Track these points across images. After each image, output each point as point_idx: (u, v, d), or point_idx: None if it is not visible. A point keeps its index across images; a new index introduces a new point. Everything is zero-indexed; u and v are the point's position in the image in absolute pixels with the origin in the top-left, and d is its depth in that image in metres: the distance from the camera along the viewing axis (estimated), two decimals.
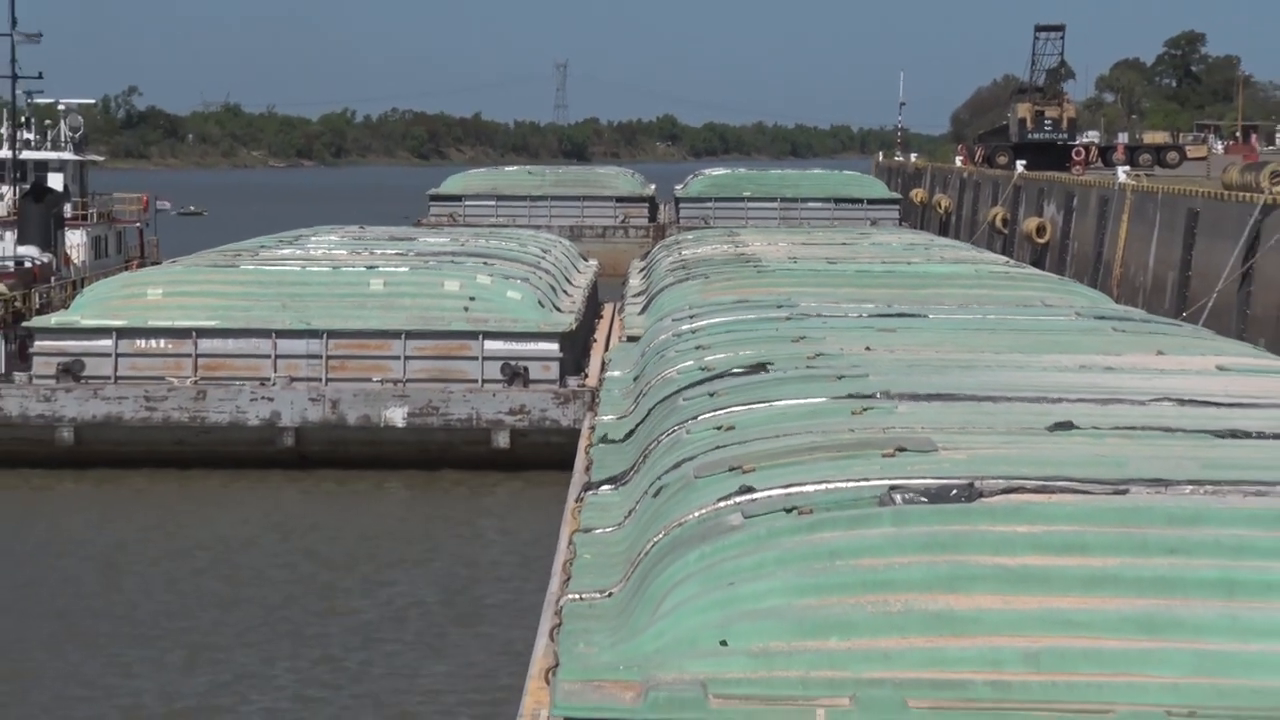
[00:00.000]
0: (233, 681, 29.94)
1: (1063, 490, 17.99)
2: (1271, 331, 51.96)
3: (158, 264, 65.28)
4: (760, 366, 29.75)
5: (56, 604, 34.30)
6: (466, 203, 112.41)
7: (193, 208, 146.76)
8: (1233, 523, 17.17)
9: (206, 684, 29.44)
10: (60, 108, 78.76)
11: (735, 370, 29.78)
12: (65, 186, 73.11)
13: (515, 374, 47.84)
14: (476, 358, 48.10)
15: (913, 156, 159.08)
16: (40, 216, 65.58)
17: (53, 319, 50.45)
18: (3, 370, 49.61)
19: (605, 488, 25.79)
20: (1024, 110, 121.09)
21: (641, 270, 67.02)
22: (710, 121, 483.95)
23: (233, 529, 41.23)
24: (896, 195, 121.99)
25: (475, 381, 47.75)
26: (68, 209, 70.60)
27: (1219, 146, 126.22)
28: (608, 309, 63.04)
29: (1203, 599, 16.15)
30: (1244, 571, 16.42)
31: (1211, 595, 16.19)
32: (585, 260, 73.11)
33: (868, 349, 31.42)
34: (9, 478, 45.56)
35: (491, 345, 48.17)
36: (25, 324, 51.41)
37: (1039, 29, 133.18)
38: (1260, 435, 21.89)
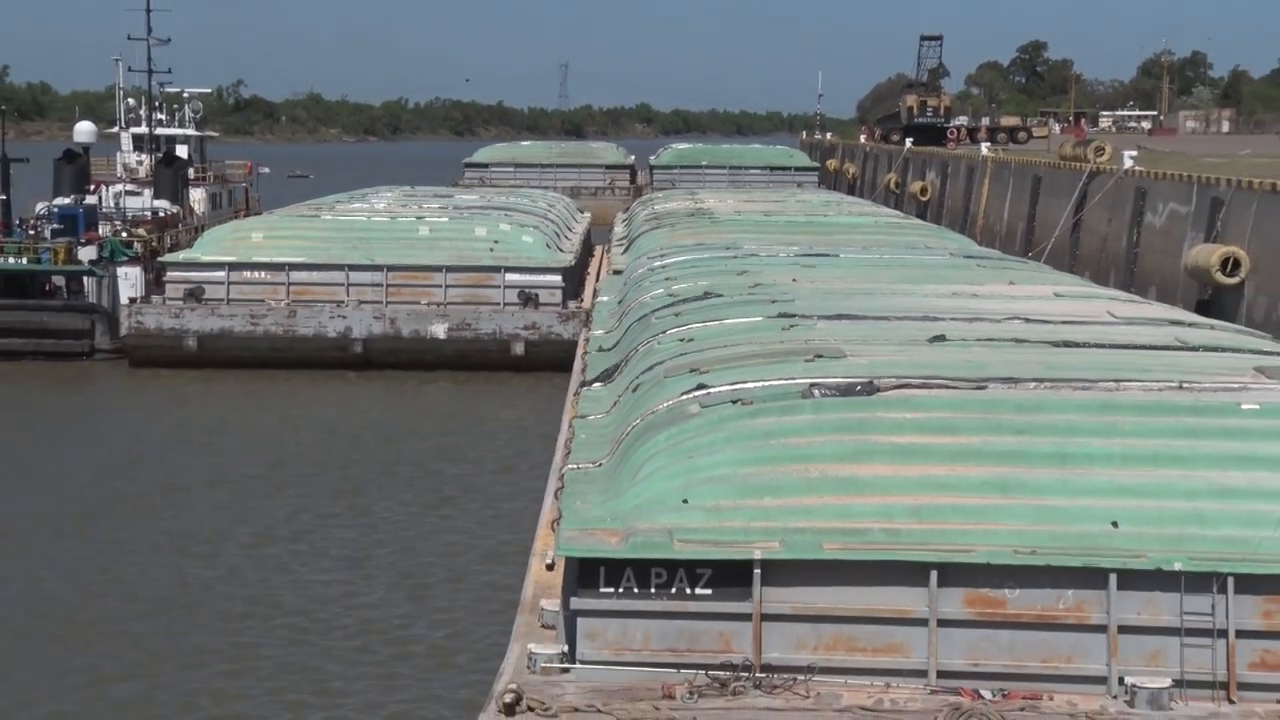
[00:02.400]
0: (329, 500, 30.45)
1: (939, 386, 18.04)
2: (1094, 267, 52.02)
3: (259, 214, 65.03)
4: (713, 294, 29.75)
5: (195, 458, 34.45)
6: (492, 169, 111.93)
7: (299, 172, 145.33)
8: (1065, 410, 17.22)
9: (308, 503, 29.71)
10: (185, 95, 78.15)
11: (694, 296, 29.77)
12: (189, 155, 72.77)
13: (528, 299, 48.04)
14: (499, 286, 48.36)
15: (828, 135, 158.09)
16: (170, 178, 65.43)
17: (180, 255, 50.56)
18: (144, 294, 49.45)
19: (596, 385, 25.82)
20: (911, 100, 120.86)
21: (624, 220, 66.91)
22: (676, 108, 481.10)
23: (316, 411, 41.43)
24: (816, 165, 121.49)
25: (498, 304, 47.99)
26: (191, 172, 70.31)
27: (1057, 128, 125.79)
28: (598, 250, 63.04)
29: (1041, 467, 16.22)
30: (1073, 446, 16.47)
31: (1048, 464, 16.25)
32: (581, 213, 73.07)
33: (794, 280, 31.43)
34: (149, 375, 45.90)
35: (511, 277, 48.46)
36: (160, 259, 51.31)
37: (923, 38, 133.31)
38: (1086, 345, 21.97)
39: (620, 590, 15.14)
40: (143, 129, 72.91)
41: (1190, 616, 14.99)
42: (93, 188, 61.19)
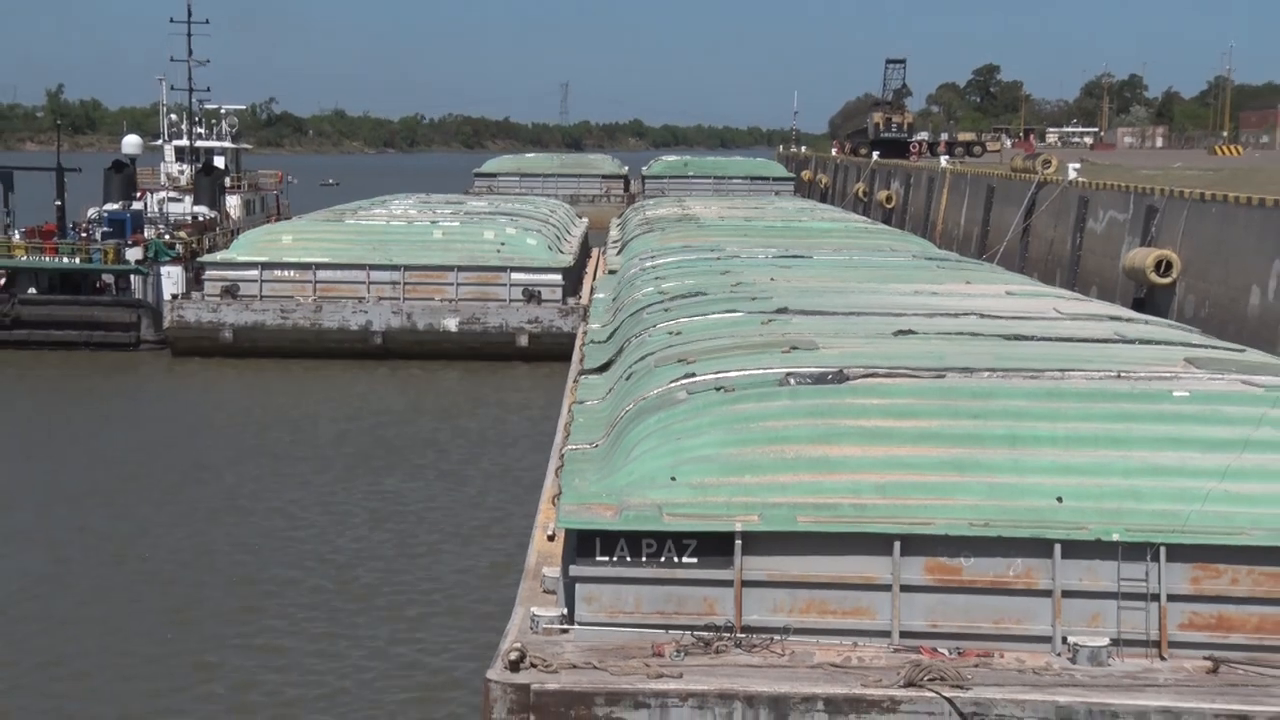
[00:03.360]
0: (350, 474, 30.34)
1: (902, 375, 18.03)
2: (1041, 268, 52.04)
3: (288, 219, 64.92)
4: (699, 291, 29.72)
5: (229, 437, 34.45)
6: (499, 179, 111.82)
7: (330, 180, 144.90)
8: (1015, 396, 17.22)
9: (331, 478, 29.71)
10: (222, 111, 78.05)
11: (681, 294, 29.74)
12: (226, 166, 72.65)
13: (532, 295, 47.96)
14: (505, 284, 48.29)
15: (803, 148, 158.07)
16: (209, 186, 65.39)
17: (218, 256, 50.43)
18: (185, 290, 49.39)
19: (593, 373, 25.80)
20: (878, 117, 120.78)
21: (618, 225, 66.83)
22: (666, 123, 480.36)
23: (340, 396, 41.38)
24: (792, 175, 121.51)
25: (505, 301, 47.91)
26: (228, 181, 70.20)
27: (1009, 143, 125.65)
28: (595, 251, 62.97)
29: (994, 448, 16.22)
30: (1022, 429, 16.48)
31: (1000, 446, 16.25)
32: (580, 218, 72.97)
33: (772, 280, 31.39)
34: (189, 363, 45.88)
35: (516, 276, 48.41)
36: (199, 259, 51.24)
37: (889, 61, 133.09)
38: (1034, 338, 21.99)
39: (614, 559, 15.15)
40: (184, 142, 72.95)
41: (1126, 582, 15.04)
42: (139, 195, 61.06)
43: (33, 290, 49.56)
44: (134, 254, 50.66)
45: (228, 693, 19.30)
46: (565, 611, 15.33)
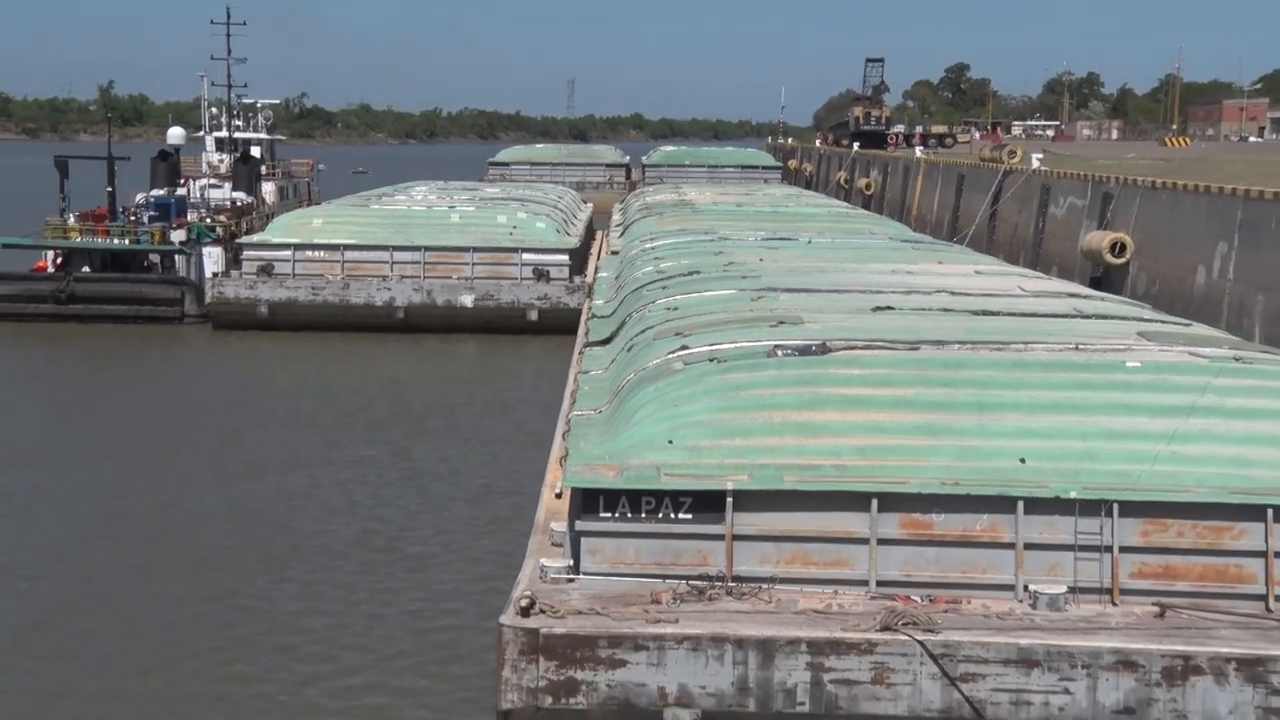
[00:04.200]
0: (374, 435, 30.28)
1: (880, 347, 17.99)
2: (1007, 249, 51.95)
3: (318, 204, 64.81)
4: (694, 271, 29.65)
5: (265, 402, 34.46)
6: (511, 167, 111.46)
7: (361, 168, 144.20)
8: (982, 367, 17.19)
9: (356, 438, 29.72)
10: (258, 105, 77.78)
11: (678, 273, 29.67)
12: (261, 155, 72.47)
13: (541, 274, 47.87)
14: (517, 264, 48.21)
15: (790, 140, 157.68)
16: (246, 174, 65.28)
17: (254, 238, 50.35)
18: (224, 269, 49.31)
19: (597, 346, 25.76)
20: (858, 111, 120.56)
21: (620, 210, 66.72)
22: (664, 117, 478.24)
23: (366, 365, 41.39)
24: (779, 164, 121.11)
25: (516, 279, 47.82)
26: (263, 169, 70.04)
27: (977, 135, 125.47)
28: (599, 234, 62.74)
29: (963, 414, 16.20)
30: (988, 397, 16.45)
31: (968, 412, 16.23)
32: (585, 204, 72.79)
33: (761, 260, 31.33)
34: (228, 336, 45.86)
35: (526, 256, 48.30)
36: (237, 241, 51.17)
37: (868, 60, 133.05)
38: (1000, 313, 21.94)
39: (616, 515, 15.15)
40: (223, 133, 72.69)
41: (1082, 535, 15.05)
42: (182, 182, 60.90)
43: (86, 269, 49.55)
44: (178, 236, 50.64)
45: (253, 629, 19.29)
46: (571, 563, 15.35)
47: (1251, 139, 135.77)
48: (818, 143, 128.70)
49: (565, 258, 48.63)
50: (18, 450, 30.37)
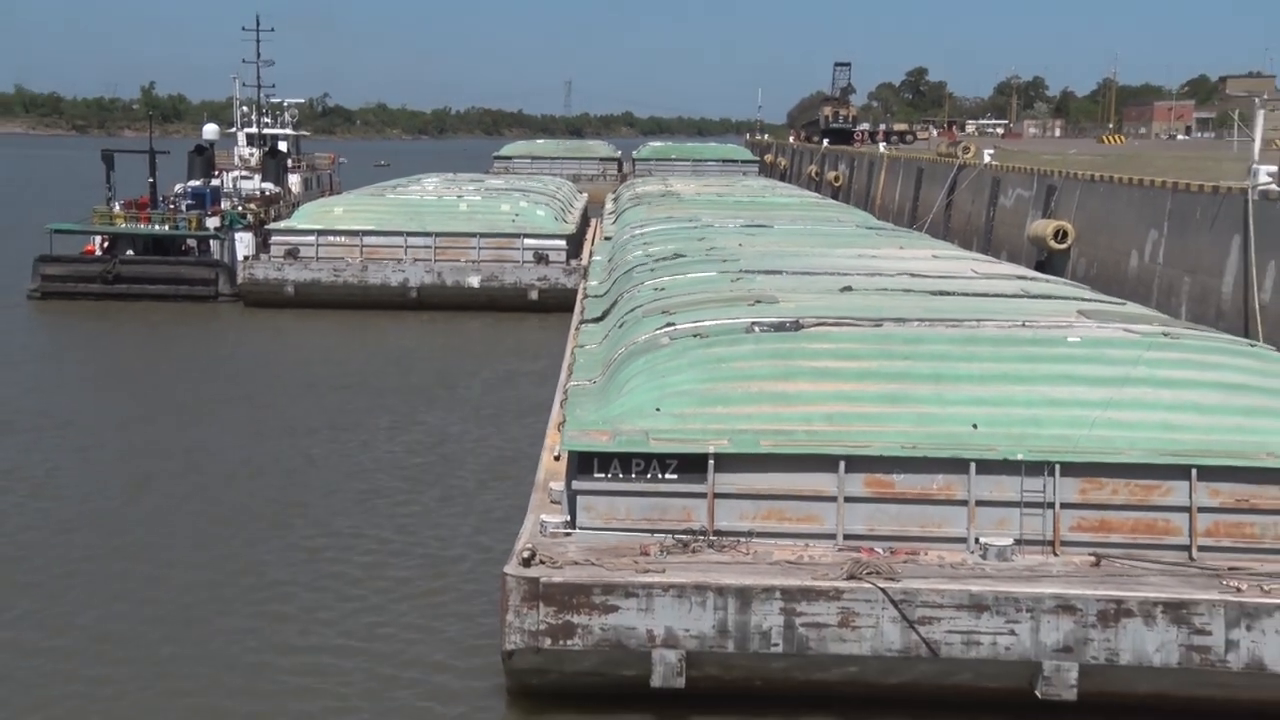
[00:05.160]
0: (389, 401, 30.14)
1: (847, 324, 18.00)
2: (962, 236, 51.90)
3: (339, 194, 64.49)
4: (679, 255, 29.60)
5: (291, 372, 34.33)
6: (514, 161, 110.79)
7: (383, 161, 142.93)
8: (939, 342, 17.21)
9: (371, 405, 29.64)
10: (284, 104, 77.23)
11: (665, 256, 29.63)
12: (288, 149, 71.94)
13: (541, 258, 47.69)
14: (519, 249, 48.01)
15: (766, 136, 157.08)
16: (274, 167, 64.82)
17: (281, 224, 50.07)
18: (254, 253, 49.04)
19: (592, 323, 25.71)
20: (827, 110, 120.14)
21: (613, 200, 66.55)
22: (652, 115, 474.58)
23: (382, 340, 41.26)
24: (756, 159, 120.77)
25: (518, 262, 47.64)
26: (289, 162, 69.56)
27: (935, 132, 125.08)
28: (593, 221, 62.66)
29: (921, 384, 16.22)
30: (944, 369, 16.48)
31: (926, 382, 16.25)
32: (580, 194, 72.54)
33: (740, 245, 31.29)
34: (258, 313, 45.67)
35: (528, 241, 48.08)
36: (266, 227, 50.89)
37: (836, 64, 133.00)
38: (955, 293, 21.96)
39: (609, 475, 15.16)
40: (253, 130, 72.25)
41: (1028, 493, 15.10)
42: (216, 174, 60.50)
43: (130, 252, 49.30)
44: (213, 222, 50.34)
45: (267, 575, 19.24)
46: (568, 518, 15.36)
47: (1179, 137, 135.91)
48: (791, 139, 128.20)
49: (563, 243, 48.46)
50: (69, 412, 30.33)
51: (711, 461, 15.04)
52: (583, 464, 15.24)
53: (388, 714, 14.82)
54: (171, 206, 51.78)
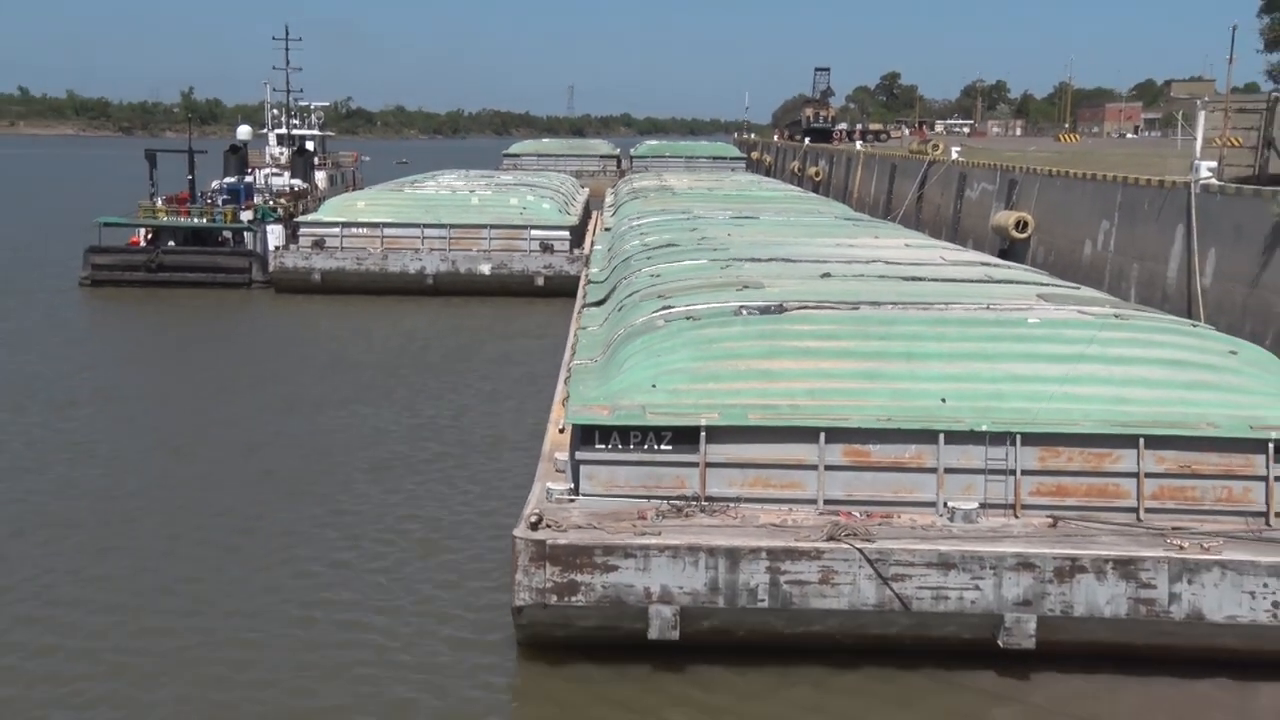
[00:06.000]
0: (407, 376, 30.04)
1: (827, 307, 17.94)
2: (931, 226, 51.76)
3: (361, 189, 64.23)
4: (672, 244, 29.49)
5: (318, 352, 34.25)
6: (522, 158, 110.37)
7: (404, 159, 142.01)
8: (911, 323, 17.15)
9: (391, 380, 29.56)
10: (311, 107, 76.83)
11: (660, 245, 29.52)
12: (315, 149, 71.62)
13: (547, 247, 47.49)
14: (526, 239, 47.81)
15: (752, 135, 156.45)
16: (302, 164, 64.55)
17: (309, 217, 49.82)
18: (284, 243, 48.86)
19: (593, 306, 25.62)
20: (809, 111, 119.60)
21: (612, 194, 66.32)
22: (648, 115, 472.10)
23: (401, 322, 41.13)
24: (744, 156, 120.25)
25: (526, 251, 47.48)
26: (316, 160, 69.25)
27: (906, 131, 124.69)
28: (594, 214, 62.51)
29: (895, 362, 16.17)
30: (916, 348, 16.42)
31: (900, 360, 16.20)
32: (582, 189, 72.26)
33: (729, 235, 31.19)
34: (288, 298, 45.53)
35: (534, 232, 47.87)
36: (295, 220, 50.67)
37: (817, 69, 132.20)
38: (925, 279, 21.86)
39: (609, 447, 15.13)
40: (283, 131, 71.90)
41: (992, 461, 15.08)
42: (250, 171, 60.25)
43: (171, 243, 49.16)
44: (246, 216, 50.15)
45: (294, 531, 19.23)
46: (572, 486, 15.33)
47: (1129, 136, 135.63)
48: (775, 138, 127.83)
49: (567, 234, 48.29)
50: (116, 388, 30.32)
51: (703, 433, 15.00)
52: (585, 436, 15.21)
53: (409, 663, 14.83)
54: (209, 201, 51.60)
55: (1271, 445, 14.87)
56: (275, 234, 49.45)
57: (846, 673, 14.10)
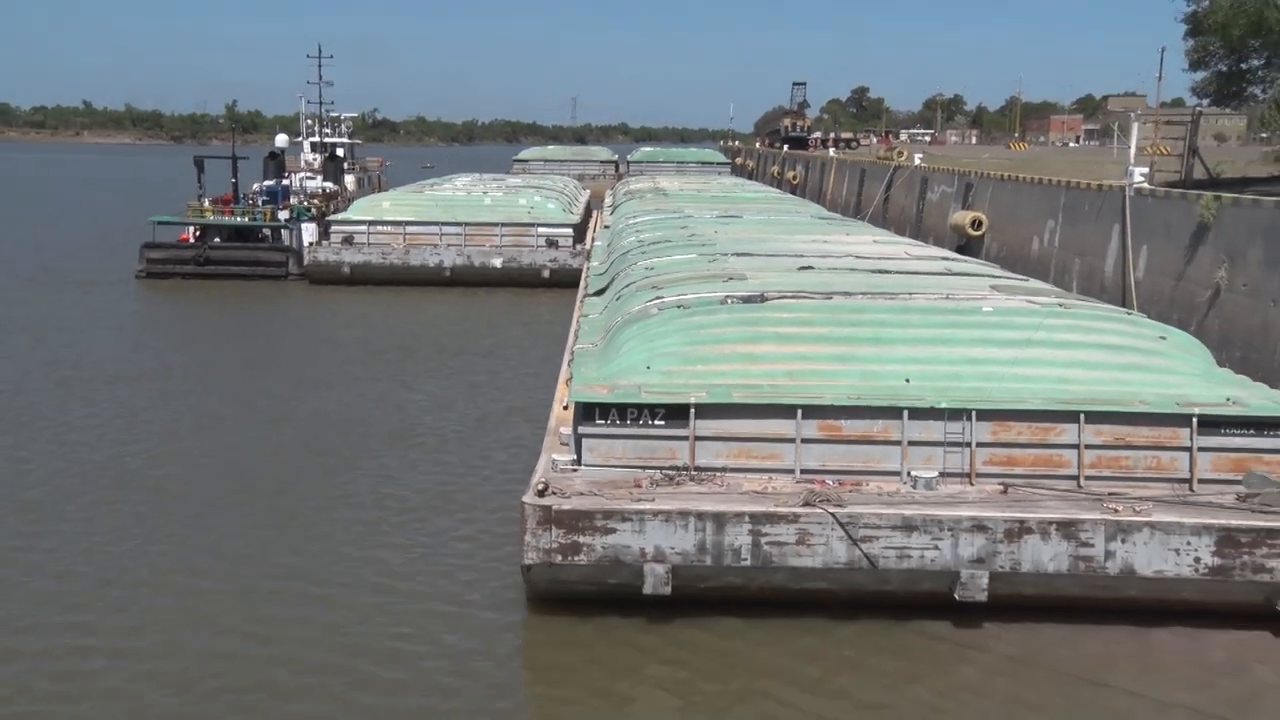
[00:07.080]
0: (427, 359, 29.86)
1: (804, 297, 17.86)
2: (897, 225, 51.65)
3: (386, 191, 63.90)
4: (665, 240, 29.36)
5: (348, 337, 34.12)
6: (530, 163, 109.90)
7: (428, 164, 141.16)
8: (880, 312, 17.08)
9: (410, 361, 29.43)
10: (341, 118, 76.38)
11: (653, 241, 29.39)
12: (344, 155, 71.25)
13: (552, 243, 47.32)
14: (534, 236, 47.62)
15: (736, 143, 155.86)
16: (333, 169, 64.21)
17: (339, 216, 49.60)
18: (317, 240, 48.67)
19: (594, 296, 25.51)
20: (787, 121, 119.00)
21: (610, 195, 66.08)
22: (643, 124, 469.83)
23: (421, 311, 40.99)
24: (729, 161, 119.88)
25: (533, 246, 47.30)
26: (345, 165, 68.90)
27: (875, 139, 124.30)
28: (595, 213, 62.28)
29: (864, 346, 16.11)
30: (883, 334, 16.37)
31: (868, 345, 16.14)
32: (584, 190, 72.02)
33: (715, 232, 31.05)
34: (321, 290, 45.31)
35: (541, 229, 47.68)
36: (327, 219, 50.46)
37: (795, 83, 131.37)
38: (892, 272, 21.79)
39: (608, 422, 15.07)
40: (316, 139, 71.55)
41: (950, 435, 15.04)
42: (286, 175, 59.91)
43: (217, 239, 49.02)
44: (283, 215, 49.96)
45: (321, 495, 19.16)
46: (575, 457, 15.28)
47: (1071, 145, 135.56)
48: (757, 145, 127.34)
49: (570, 231, 48.14)
50: (165, 369, 30.25)
51: (692, 410, 14.95)
52: (586, 413, 15.15)
53: (428, 616, 14.80)
54: (250, 202, 51.45)
55: (1195, 420, 14.87)
56: (309, 231, 49.25)
57: (822, 621, 14.07)
